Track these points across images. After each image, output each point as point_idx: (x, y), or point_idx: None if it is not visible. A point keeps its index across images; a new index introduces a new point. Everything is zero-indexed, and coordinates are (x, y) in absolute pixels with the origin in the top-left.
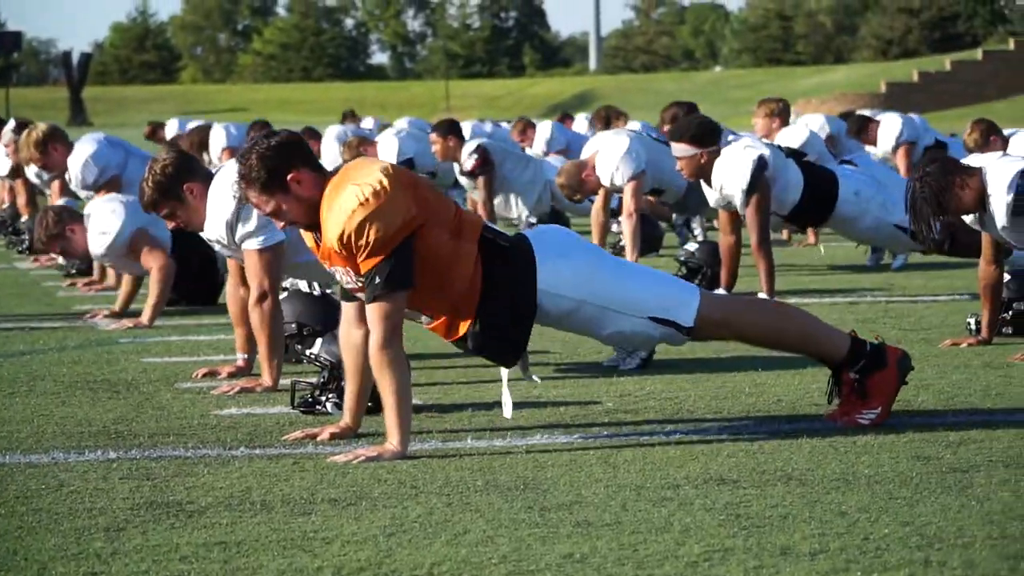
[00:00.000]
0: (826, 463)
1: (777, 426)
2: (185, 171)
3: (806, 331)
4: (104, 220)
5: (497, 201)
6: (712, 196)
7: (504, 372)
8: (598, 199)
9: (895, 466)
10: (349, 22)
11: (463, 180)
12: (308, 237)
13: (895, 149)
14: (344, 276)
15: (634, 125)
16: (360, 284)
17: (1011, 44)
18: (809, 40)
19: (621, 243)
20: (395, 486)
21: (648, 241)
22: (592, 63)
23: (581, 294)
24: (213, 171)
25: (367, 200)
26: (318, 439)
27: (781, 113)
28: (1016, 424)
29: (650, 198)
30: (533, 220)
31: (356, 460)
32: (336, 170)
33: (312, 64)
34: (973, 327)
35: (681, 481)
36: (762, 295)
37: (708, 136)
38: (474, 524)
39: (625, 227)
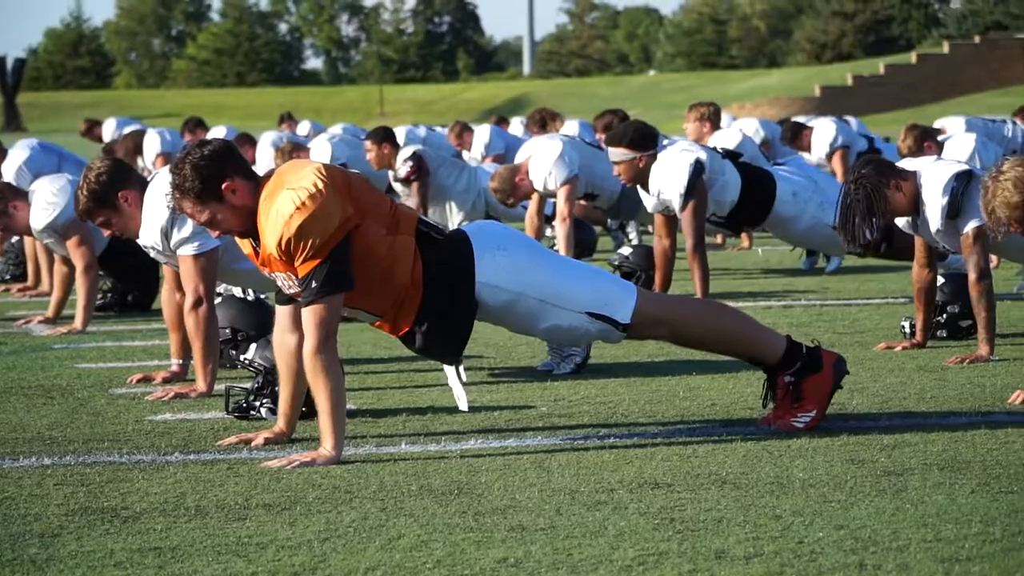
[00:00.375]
0: (760, 467)
1: (711, 430)
2: (120, 179)
3: (743, 331)
4: (50, 196)
5: (432, 209)
6: (650, 201)
7: (449, 371)
8: (532, 204)
9: (829, 469)
10: (283, 27)
11: (397, 187)
12: (245, 244)
13: (830, 155)
14: (285, 282)
15: (572, 125)
16: (300, 288)
17: (945, 47)
18: (743, 44)
19: (555, 247)
20: (329, 491)
21: (582, 245)
22: (526, 68)
23: (519, 287)
24: (148, 178)
25: (303, 204)
26: (252, 444)
27: (712, 117)
28: (950, 427)
29: (583, 202)
30: None
31: (290, 465)
32: (269, 174)
33: (246, 69)
34: (907, 330)
35: (615, 485)
36: (698, 298)
37: (646, 140)
38: (408, 529)
39: (559, 231)
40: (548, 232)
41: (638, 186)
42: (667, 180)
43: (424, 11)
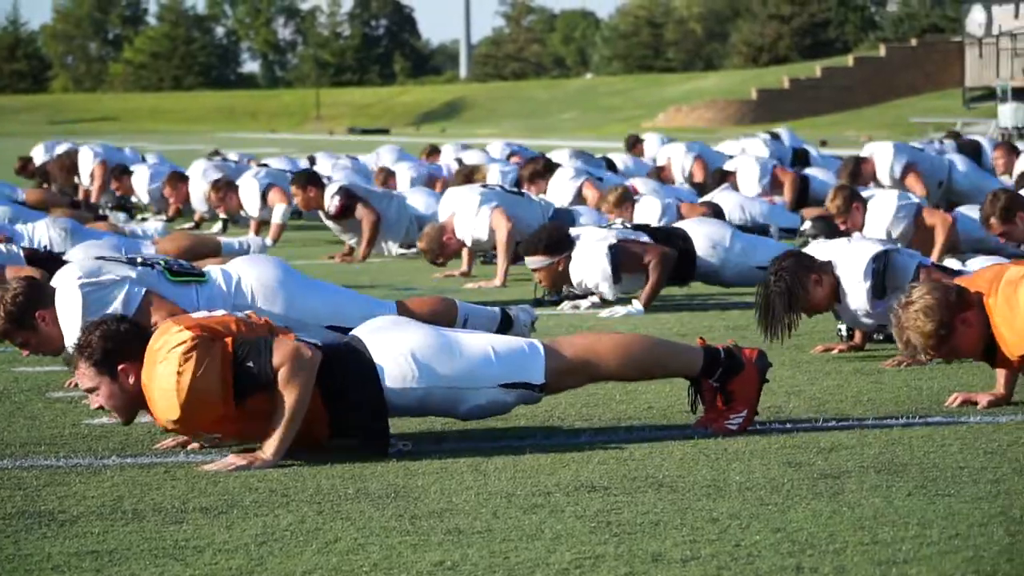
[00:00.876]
0: (697, 470)
1: (648, 433)
2: (36, 300)
3: (656, 357)
4: None
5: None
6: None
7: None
8: (464, 258)
9: (766, 472)
10: (220, 31)
11: (331, 225)
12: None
13: (770, 181)
14: (208, 437)
15: (496, 146)
16: (217, 438)
17: (882, 50)
18: (680, 47)
19: (491, 252)
20: (266, 494)
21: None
22: (463, 71)
23: (427, 381)
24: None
25: (180, 374)
26: (190, 448)
27: (625, 199)
28: (887, 430)
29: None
30: (403, 251)
31: (227, 469)
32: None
33: (183, 73)
34: (844, 333)
35: (552, 488)
36: (636, 303)
37: (560, 244)
38: (345, 532)
39: (500, 244)
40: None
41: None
42: (589, 272)
43: (361, 14)
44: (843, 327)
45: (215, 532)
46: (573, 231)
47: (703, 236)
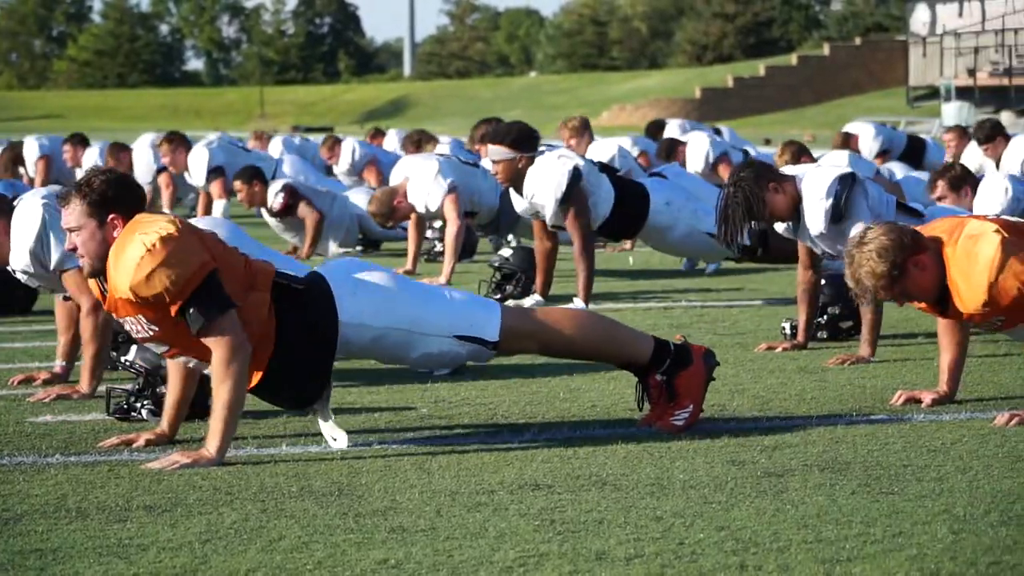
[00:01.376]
0: (641, 468)
1: (591, 431)
2: None
3: (610, 336)
4: None
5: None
6: (520, 204)
7: (320, 421)
8: (411, 225)
9: (710, 471)
10: (164, 28)
11: (272, 223)
12: (94, 286)
13: (714, 166)
14: (134, 326)
15: (445, 144)
16: (152, 333)
17: (826, 49)
18: (624, 46)
19: (436, 248)
20: (210, 492)
21: (463, 247)
22: (407, 69)
23: (384, 321)
24: (14, 202)
25: (154, 246)
26: (134, 446)
27: (585, 128)
28: (831, 428)
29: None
30: (345, 251)
31: (171, 467)
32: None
33: (127, 70)
34: (788, 331)
35: (496, 486)
36: (577, 300)
37: (527, 142)
38: (289, 530)
39: (448, 233)
40: (429, 233)
41: (511, 189)
42: (543, 186)
43: (305, 12)
44: (787, 325)
45: (159, 530)
46: (543, 149)
47: (659, 192)
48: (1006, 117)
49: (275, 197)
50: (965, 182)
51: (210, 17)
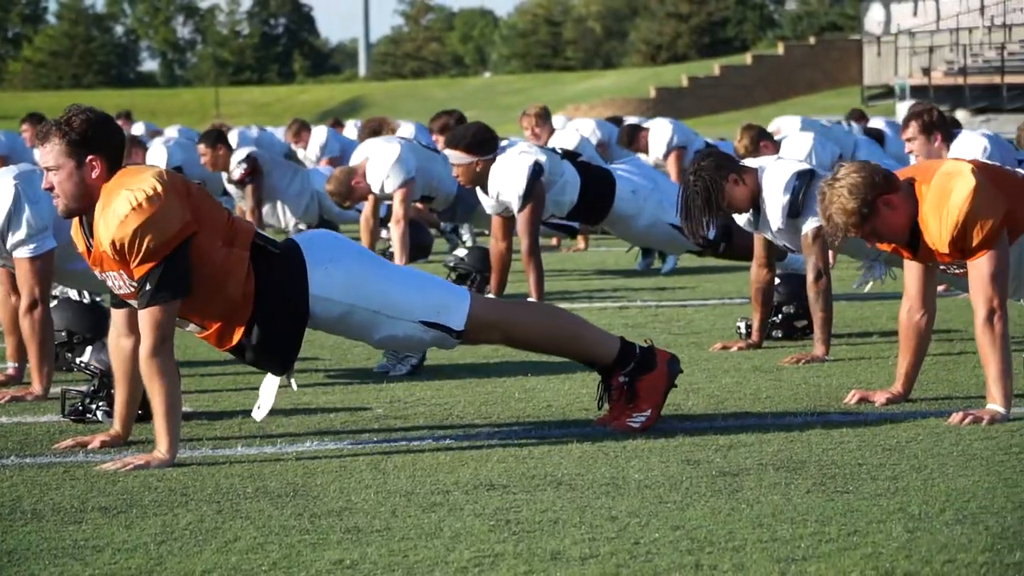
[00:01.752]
0: (596, 468)
1: (547, 431)
2: None
3: (576, 333)
4: None
5: (265, 209)
6: (488, 203)
7: (271, 379)
8: (367, 206)
9: (665, 470)
10: (119, 29)
11: (231, 189)
12: (79, 241)
13: (667, 155)
14: (116, 281)
15: (408, 127)
16: (133, 289)
17: (780, 48)
18: (578, 46)
19: (390, 249)
20: (165, 493)
21: (418, 248)
22: (362, 69)
23: (352, 299)
24: None
25: (140, 205)
26: (89, 447)
27: (547, 117)
28: (786, 427)
29: (419, 205)
30: (302, 227)
31: (126, 468)
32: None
33: (82, 72)
34: (743, 331)
35: (451, 487)
36: (531, 300)
37: (484, 144)
38: (244, 531)
39: (394, 233)
40: (384, 234)
41: (477, 188)
42: (506, 182)
43: (260, 13)
44: (742, 324)
45: (114, 532)
46: (504, 143)
47: (625, 180)
48: (961, 116)
49: (238, 166)
50: (937, 128)
51: (165, 18)
